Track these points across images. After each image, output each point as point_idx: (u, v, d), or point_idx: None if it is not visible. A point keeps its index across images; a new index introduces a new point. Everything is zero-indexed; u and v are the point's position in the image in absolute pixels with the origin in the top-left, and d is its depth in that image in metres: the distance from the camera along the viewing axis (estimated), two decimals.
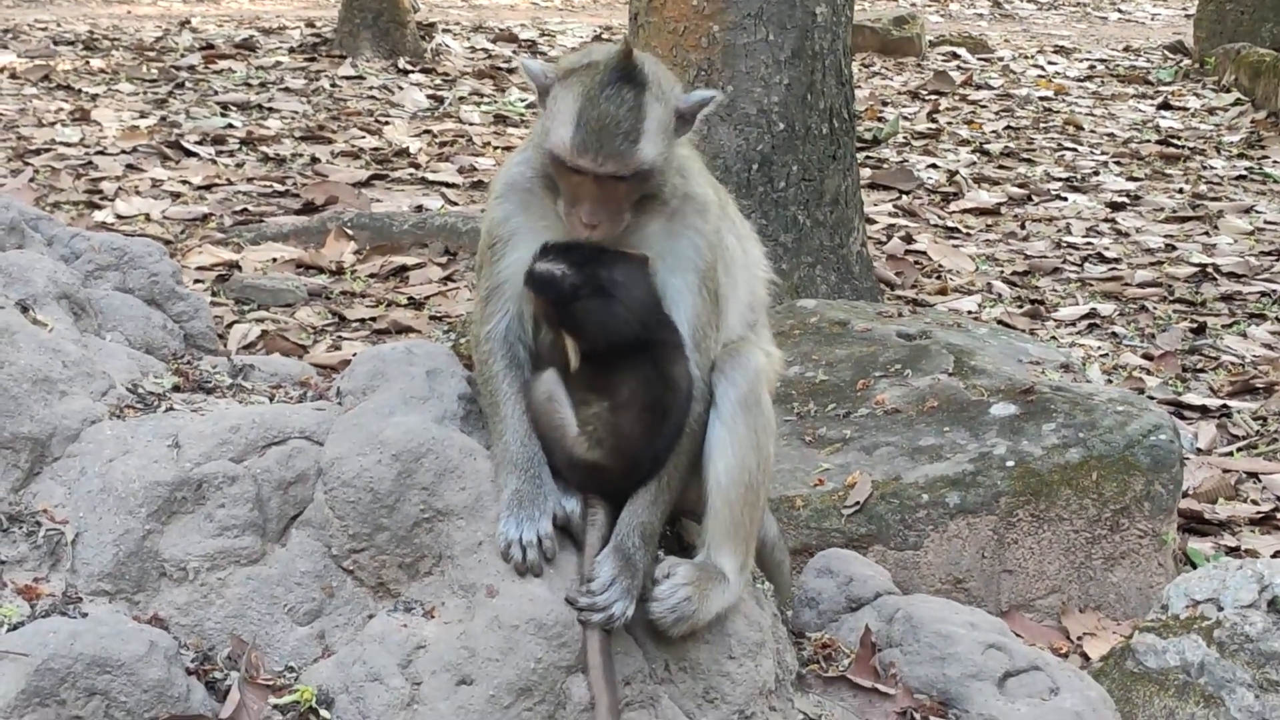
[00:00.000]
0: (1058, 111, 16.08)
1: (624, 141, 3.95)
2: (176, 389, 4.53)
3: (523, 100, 15.27)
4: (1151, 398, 7.65)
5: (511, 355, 4.16)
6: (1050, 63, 19.02)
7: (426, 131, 13.83)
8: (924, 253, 10.81)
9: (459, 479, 4.05)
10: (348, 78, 15.85)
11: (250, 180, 11.82)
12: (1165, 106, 16.40)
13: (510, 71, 16.78)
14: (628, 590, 4.00)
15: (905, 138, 14.54)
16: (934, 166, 13.46)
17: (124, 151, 12.32)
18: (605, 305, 4.02)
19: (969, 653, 4.53)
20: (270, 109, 14.27)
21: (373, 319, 8.90)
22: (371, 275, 9.68)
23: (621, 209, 4.03)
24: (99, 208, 10.71)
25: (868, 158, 13.26)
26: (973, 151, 14.20)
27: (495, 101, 15.27)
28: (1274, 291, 10.22)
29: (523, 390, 4.14)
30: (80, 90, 14.58)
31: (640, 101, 3.97)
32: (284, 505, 4.11)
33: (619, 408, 4.03)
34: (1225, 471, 7.38)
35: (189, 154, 12.43)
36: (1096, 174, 13.51)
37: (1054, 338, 9.12)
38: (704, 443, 4.14)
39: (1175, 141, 14.78)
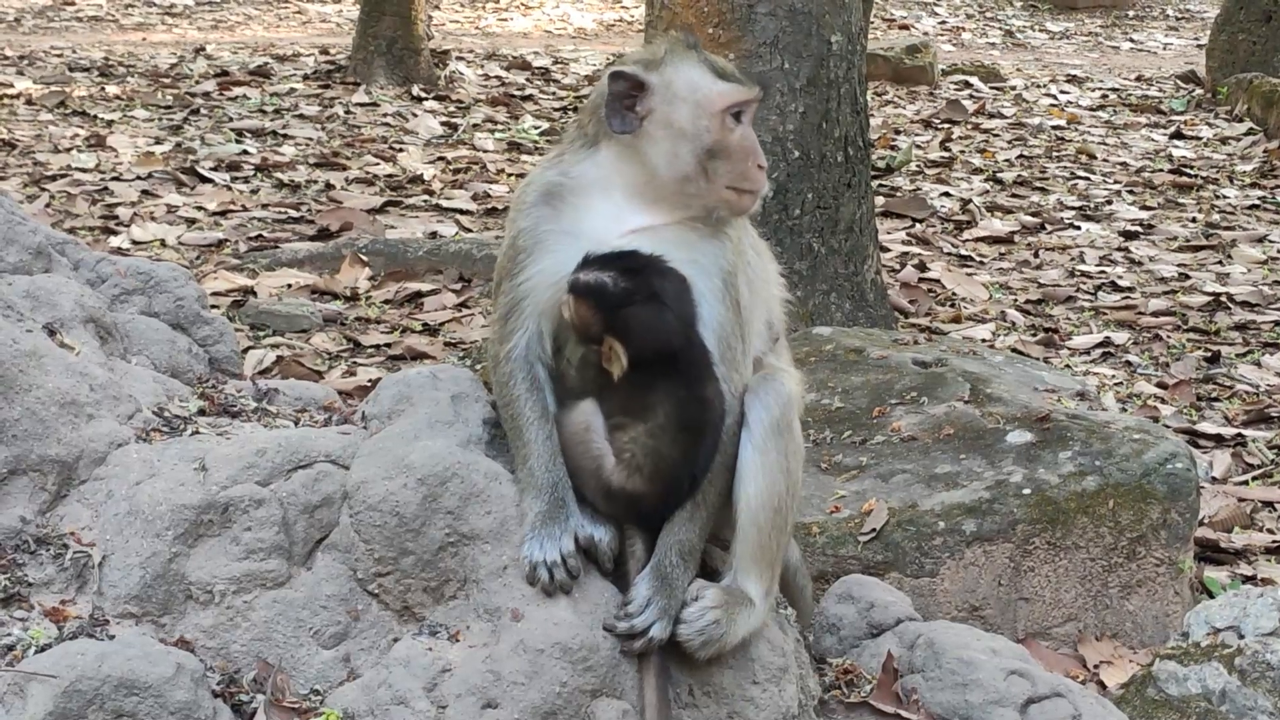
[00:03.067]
0: (1070, 140, 16.10)
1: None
2: (202, 412, 4.56)
3: (536, 127, 15.31)
4: (1167, 426, 7.65)
5: (532, 377, 4.17)
6: (1063, 92, 19.04)
7: (440, 158, 13.86)
8: (938, 281, 10.82)
9: (484, 503, 4.07)
10: (362, 105, 15.90)
11: (265, 206, 11.85)
12: (1178, 136, 16.42)
13: (524, 98, 16.83)
14: (664, 610, 4.03)
15: (918, 166, 14.57)
16: (947, 195, 13.48)
17: (139, 177, 12.36)
18: (656, 311, 4.06)
19: (991, 679, 4.53)
20: (285, 135, 14.32)
21: (387, 345, 8.92)
22: (386, 301, 9.71)
23: None
24: (114, 233, 10.74)
25: (881, 186, 13.27)
26: (986, 180, 14.22)
27: (509, 128, 15.31)
28: None
29: (545, 413, 4.15)
30: (96, 116, 14.63)
31: None
32: (310, 529, 4.13)
33: (656, 431, 4.05)
34: (1240, 500, 7.37)
35: (204, 180, 12.47)
36: (1109, 203, 13.52)
37: (1068, 366, 9.12)
38: (735, 465, 4.17)
39: (1188, 171, 14.79)
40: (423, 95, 16.50)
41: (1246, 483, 7.68)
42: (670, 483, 4.07)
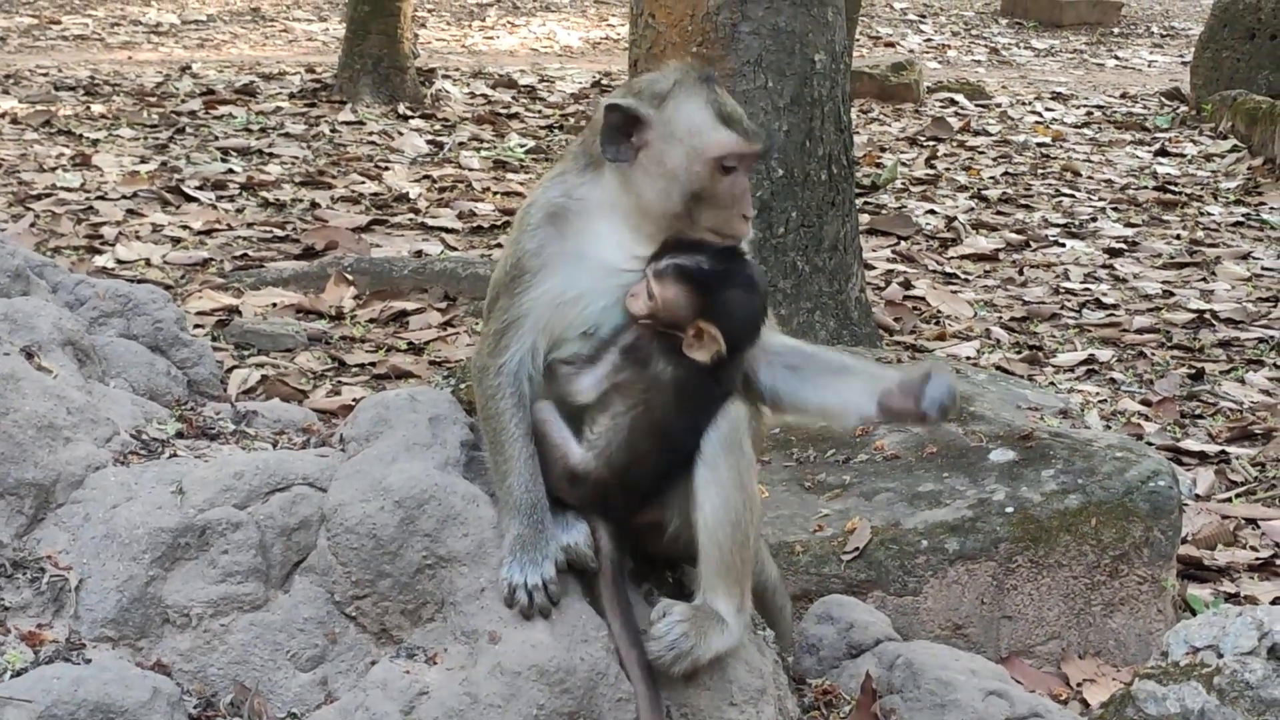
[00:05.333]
0: (1055, 158, 16.12)
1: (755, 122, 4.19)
2: (180, 435, 4.55)
3: (522, 145, 15.31)
4: (1150, 444, 7.66)
5: (519, 393, 4.16)
6: (1048, 109, 19.07)
7: (426, 177, 13.86)
8: (922, 298, 10.83)
9: (461, 526, 4.07)
10: (348, 123, 15.89)
11: (250, 225, 11.84)
12: (1162, 153, 16.45)
13: (510, 117, 16.83)
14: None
15: (903, 184, 14.58)
16: (932, 212, 13.49)
17: (124, 196, 12.34)
18: (752, 297, 4.16)
19: (970, 700, 4.53)
20: (270, 154, 14.30)
21: (372, 364, 8.91)
22: (371, 320, 9.70)
23: None
24: (99, 253, 10.72)
25: (866, 204, 13.29)
26: (971, 197, 14.23)
27: (495, 147, 15.32)
28: (1271, 337, 10.24)
29: (530, 431, 4.14)
30: (81, 135, 14.61)
31: None
32: (287, 551, 4.13)
33: (638, 420, 4.08)
34: (1224, 518, 7.38)
35: (189, 199, 12.45)
36: (1094, 220, 13.54)
37: (1052, 383, 9.13)
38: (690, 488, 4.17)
39: (1173, 188, 14.82)
40: (409, 113, 16.50)
41: (1230, 500, 7.69)
42: (636, 475, 4.10)
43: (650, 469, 4.12)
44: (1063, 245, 12.65)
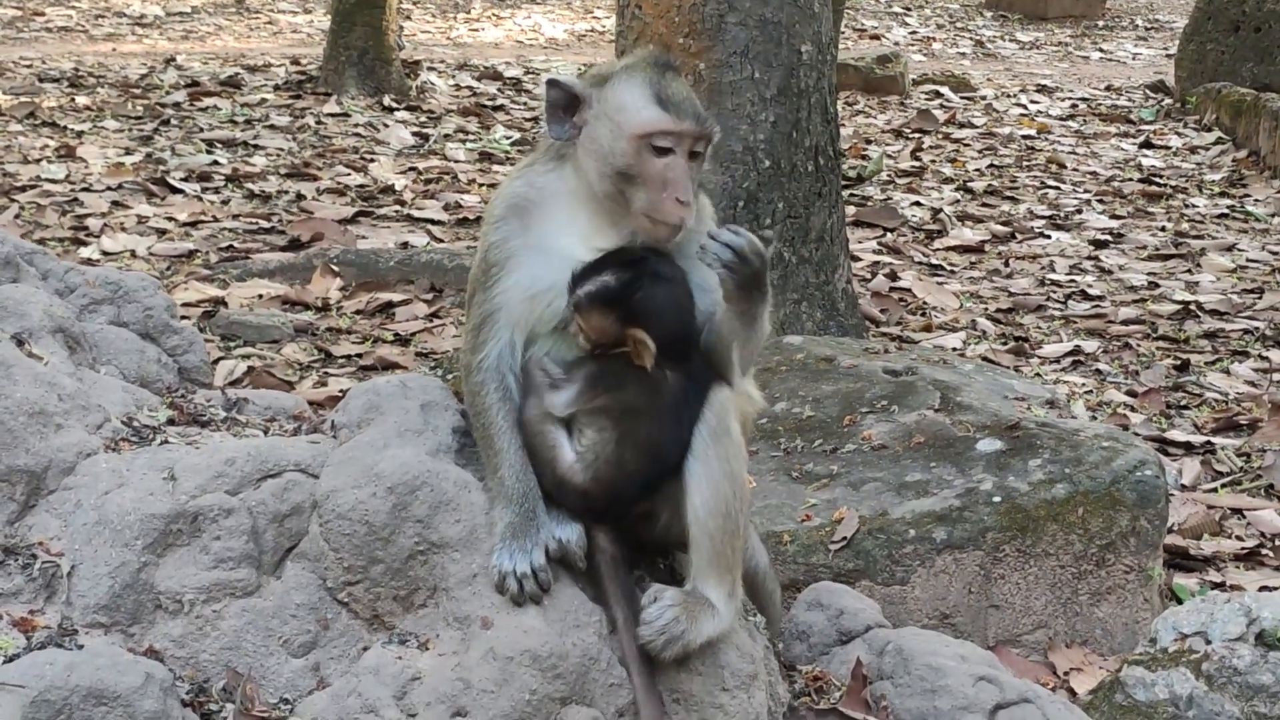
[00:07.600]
0: (1040, 150, 16.15)
1: (702, 107, 4.15)
2: (171, 422, 4.55)
3: (507, 137, 15.30)
4: (1136, 434, 7.67)
5: (504, 386, 4.18)
6: (1033, 101, 19.10)
7: (412, 169, 13.85)
8: (908, 290, 10.84)
9: (453, 512, 4.08)
10: (333, 115, 15.87)
11: (236, 217, 11.82)
12: (1147, 145, 16.48)
13: (495, 109, 16.82)
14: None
15: (889, 176, 14.60)
16: (918, 204, 13.51)
17: (109, 188, 12.31)
18: (667, 290, 4.11)
19: (960, 685, 4.54)
20: (256, 146, 14.28)
21: (359, 355, 8.91)
22: (357, 312, 9.70)
23: (696, 188, 4.17)
24: (85, 244, 10.71)
25: (852, 195, 13.30)
26: (956, 189, 14.25)
27: (480, 139, 15.31)
28: (1256, 329, 10.26)
29: (516, 422, 4.16)
30: (66, 127, 14.58)
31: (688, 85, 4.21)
32: (279, 538, 4.13)
33: (624, 437, 4.07)
34: (1210, 507, 7.40)
35: (175, 191, 12.43)
36: (1079, 212, 13.57)
37: (1038, 374, 9.15)
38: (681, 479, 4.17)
39: (1157, 180, 14.85)
40: (394, 105, 16.49)
41: (1216, 490, 7.71)
42: (622, 486, 4.11)
43: (638, 480, 4.13)
44: (1048, 237, 12.68)
